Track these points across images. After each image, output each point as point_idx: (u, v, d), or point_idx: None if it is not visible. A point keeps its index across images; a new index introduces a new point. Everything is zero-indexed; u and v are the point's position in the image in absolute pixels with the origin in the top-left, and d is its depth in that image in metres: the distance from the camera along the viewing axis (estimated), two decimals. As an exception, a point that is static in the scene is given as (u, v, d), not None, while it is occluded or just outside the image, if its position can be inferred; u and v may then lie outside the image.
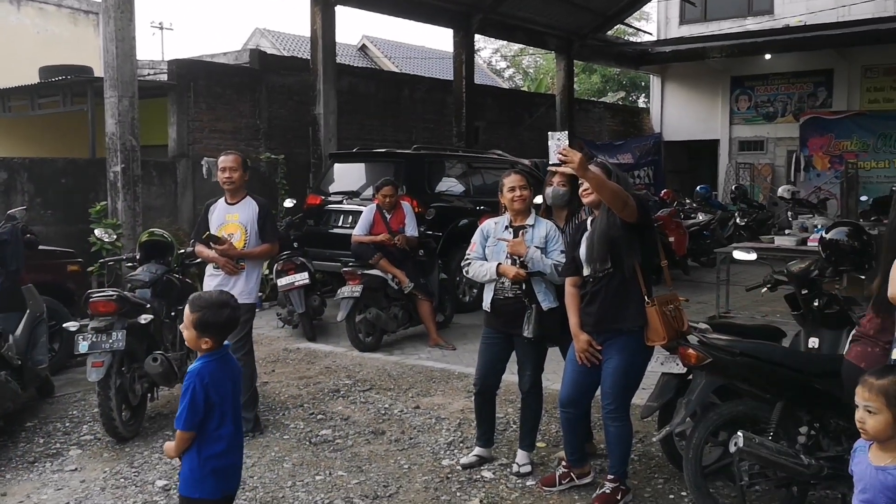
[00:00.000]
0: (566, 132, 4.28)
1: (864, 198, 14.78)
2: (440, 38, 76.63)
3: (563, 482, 4.42)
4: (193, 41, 58.79)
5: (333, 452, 5.01)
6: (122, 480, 4.58)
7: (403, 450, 5.05)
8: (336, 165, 10.28)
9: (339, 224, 9.54)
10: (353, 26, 62.50)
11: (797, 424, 3.93)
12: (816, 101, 17.73)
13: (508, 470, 4.68)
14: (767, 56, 17.23)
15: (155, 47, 55.29)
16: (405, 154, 9.91)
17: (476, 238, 4.83)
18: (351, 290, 7.64)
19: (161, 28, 35.44)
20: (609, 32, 18.00)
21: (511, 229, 4.66)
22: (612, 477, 4.24)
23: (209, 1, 63.60)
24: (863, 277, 5.38)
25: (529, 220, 4.66)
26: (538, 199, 7.50)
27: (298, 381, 6.67)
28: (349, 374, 6.84)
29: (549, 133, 4.21)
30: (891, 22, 15.00)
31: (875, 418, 2.49)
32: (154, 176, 10.44)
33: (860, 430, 2.58)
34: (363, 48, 30.51)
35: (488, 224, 4.84)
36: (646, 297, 4.05)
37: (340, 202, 9.67)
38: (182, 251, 6.28)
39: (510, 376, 6.70)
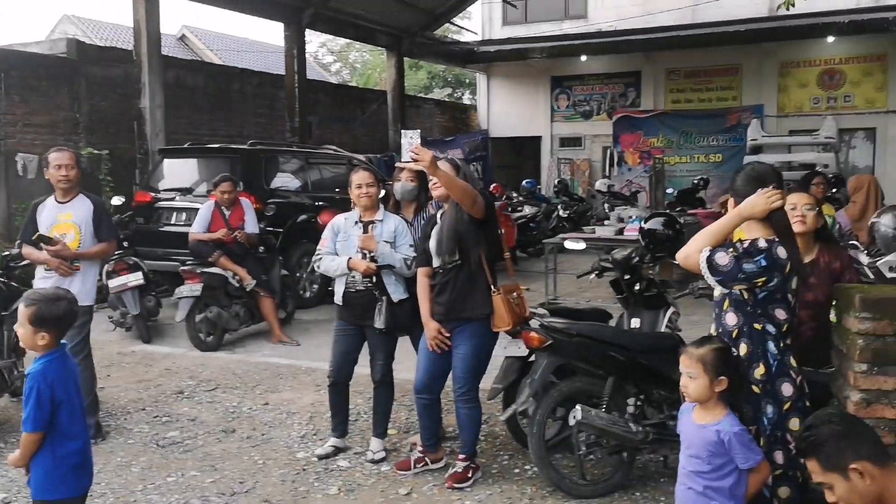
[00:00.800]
0: (418, 131, 4.47)
1: (669, 190, 16.11)
2: (265, 31, 74.76)
3: (417, 466, 4.64)
4: (-10, 25, 53.84)
5: (184, 453, 4.95)
6: (-47, 498, 4.31)
7: (256, 446, 5.07)
8: (166, 161, 9.94)
9: (173, 222, 9.26)
10: (172, 15, 59.57)
11: (626, 397, 4.35)
12: (627, 101, 19.07)
13: (363, 458, 4.83)
14: (583, 58, 18.33)
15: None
16: (241, 149, 9.76)
17: (327, 234, 4.94)
18: (190, 288, 7.47)
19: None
20: (437, 31, 18.45)
21: (361, 224, 4.81)
22: (464, 456, 4.50)
23: (6, -18, 58.40)
24: (675, 262, 6.00)
25: (378, 216, 4.83)
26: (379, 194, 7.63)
27: (137, 384, 6.47)
28: (192, 375, 6.71)
29: (403, 131, 4.40)
30: (690, 29, 16.44)
31: (695, 383, 2.86)
32: (-39, 172, 9.66)
33: (684, 394, 2.94)
34: (183, 38, 29.35)
35: (338, 220, 4.97)
36: (492, 287, 4.33)
37: (173, 199, 9.38)
38: (6, 253, 5.91)
39: (360, 368, 6.86)
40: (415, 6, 15.82)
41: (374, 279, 4.72)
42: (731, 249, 2.87)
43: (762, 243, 2.88)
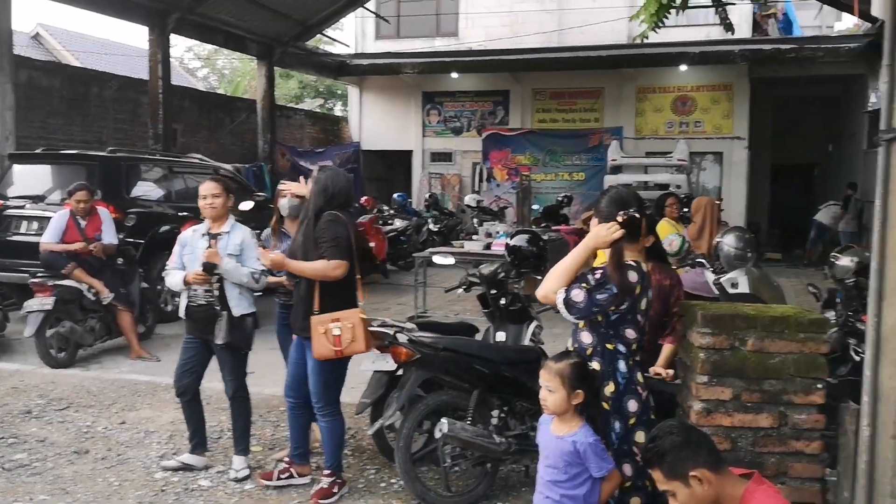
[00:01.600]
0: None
1: (535, 206, 16.66)
2: (128, 33, 71.47)
3: (282, 477, 4.60)
4: None
5: (32, 477, 4.68)
6: None
7: (112, 467, 4.86)
8: (16, 167, 9.37)
9: (22, 231, 8.74)
10: (26, 11, 56.08)
11: (490, 409, 4.48)
12: (496, 119, 19.56)
13: (226, 476, 4.73)
14: (454, 75, 18.68)
15: None
16: (99, 156, 9.33)
17: (176, 247, 4.86)
18: (41, 302, 7.07)
19: None
20: (309, 42, 18.30)
21: (207, 237, 4.74)
22: (329, 471, 4.49)
23: None
24: (539, 278, 6.22)
25: (225, 227, 4.77)
26: (247, 206, 7.60)
27: (-20, 404, 6.06)
28: (41, 393, 6.35)
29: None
30: (556, 52, 17.10)
31: (554, 396, 3.00)
32: None
33: (543, 407, 3.07)
34: (37, 37, 27.70)
35: (186, 233, 4.90)
36: (315, 312, 4.25)
37: (22, 207, 8.85)
38: None
39: (220, 384, 6.70)
40: (287, 16, 15.63)
41: (217, 293, 4.66)
42: (583, 284, 2.99)
43: (607, 271, 3.00)
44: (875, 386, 2.74)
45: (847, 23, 19.95)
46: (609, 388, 3.05)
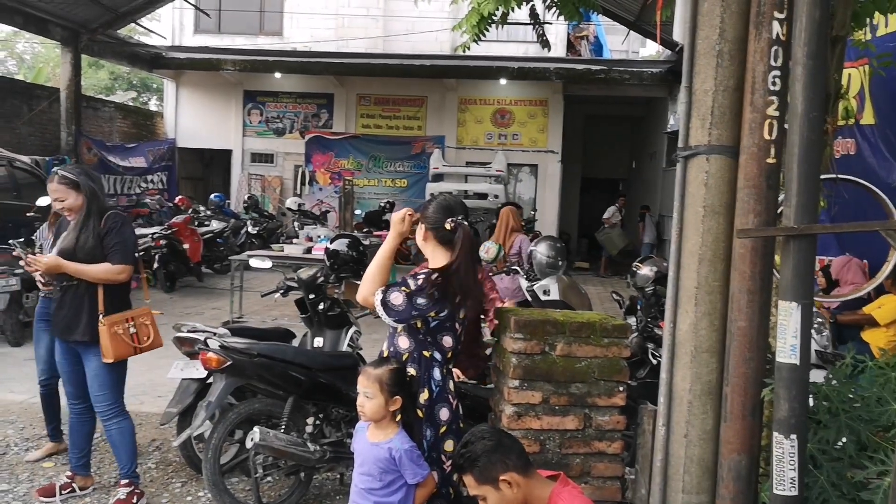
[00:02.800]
0: None
1: (358, 211, 16.63)
2: None
3: (63, 492, 4.29)
4: None
5: None
6: None
7: None
8: None
9: None
10: None
11: (305, 416, 4.38)
12: (320, 122, 19.32)
13: (11, 495, 4.32)
14: (278, 75, 18.26)
15: None
16: None
17: None
18: None
19: None
20: (122, 31, 17.22)
21: None
22: (126, 481, 4.24)
23: None
24: (358, 283, 6.19)
25: None
26: (44, 201, 7.01)
27: None
28: None
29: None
30: (380, 58, 17.15)
31: (372, 402, 2.96)
32: None
33: (360, 413, 3.02)
34: None
35: None
36: (101, 314, 4.09)
37: None
38: None
39: (9, 394, 6.15)
40: (96, 1, 14.61)
41: None
42: (403, 288, 2.97)
43: (435, 276, 3.01)
44: (670, 387, 2.91)
45: (651, 49, 21.49)
46: (423, 396, 3.05)
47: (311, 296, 5.40)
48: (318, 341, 5.39)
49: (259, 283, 10.65)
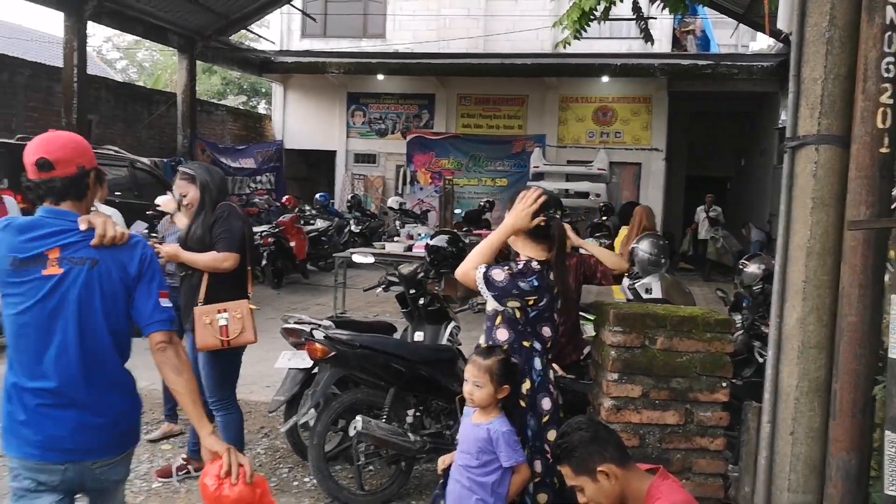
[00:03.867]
0: None
1: (458, 211, 16.77)
2: (40, 18, 68.34)
3: (179, 473, 4.51)
4: None
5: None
6: None
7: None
8: (-85, 152, 8.87)
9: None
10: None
11: (406, 407, 4.48)
12: (421, 122, 19.59)
13: (133, 475, 4.59)
14: (380, 76, 18.63)
15: None
16: (6, 143, 8.93)
17: None
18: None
19: None
20: (234, 37, 17.97)
21: None
22: None
23: None
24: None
25: None
26: (164, 199, 7.41)
27: None
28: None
29: None
30: (481, 58, 17.25)
31: (481, 391, 3.00)
32: None
33: (468, 401, 3.07)
34: (-57, 18, 26.42)
35: None
36: (199, 302, 4.20)
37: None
38: None
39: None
40: (210, 9, 15.28)
41: None
42: (506, 267, 3.03)
43: (535, 265, 3.06)
44: (776, 384, 2.84)
45: (761, 43, 20.79)
46: (525, 386, 3.08)
47: (412, 291, 5.51)
48: (419, 335, 5.49)
49: (362, 281, 10.90)
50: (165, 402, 5.34)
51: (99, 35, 32.77)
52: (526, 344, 3.11)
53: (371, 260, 6.50)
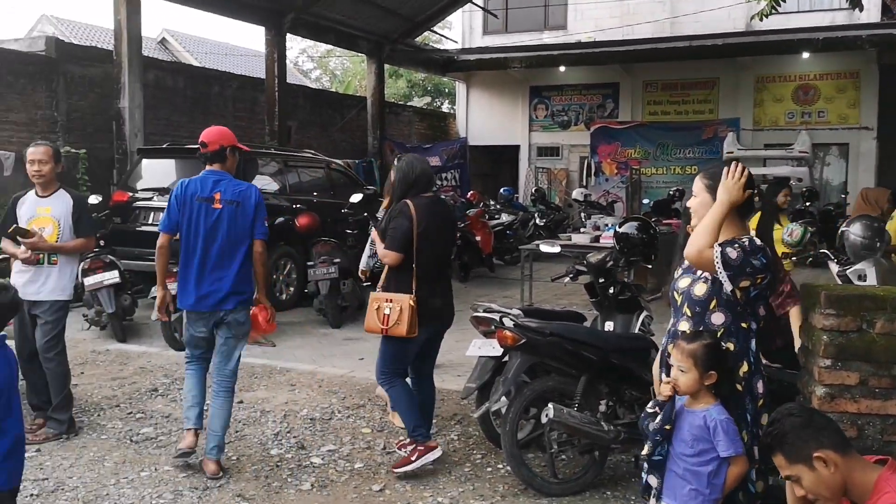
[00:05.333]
0: None
1: (645, 201, 16.29)
2: (245, 36, 74.01)
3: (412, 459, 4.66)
4: (-34, 25, 53.03)
5: (157, 449, 4.94)
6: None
7: (230, 442, 5.05)
8: (144, 161, 9.89)
9: (150, 221, 9.20)
10: (152, 19, 59.17)
11: (598, 396, 4.41)
12: (605, 112, 19.25)
13: (337, 455, 4.85)
14: (562, 68, 18.50)
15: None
16: (218, 150, 9.73)
17: None
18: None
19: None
20: (417, 39, 18.54)
21: None
22: (408, 440, 4.65)
23: (-16, -19, 57.74)
24: (649, 267, 6.09)
25: None
26: (356, 198, 7.77)
27: (111, 381, 6.43)
28: (166, 373, 6.68)
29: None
30: (668, 42, 16.66)
31: (686, 377, 2.87)
32: (-66, 169, 9.54)
33: (675, 387, 2.95)
34: (163, 42, 29.23)
35: None
36: (379, 288, 4.68)
37: (150, 199, 9.33)
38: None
39: (330, 368, 6.90)
40: (396, 13, 15.88)
41: None
42: (736, 245, 2.86)
43: (758, 241, 2.90)
44: None
45: None
46: (743, 369, 2.92)
47: (601, 280, 5.43)
48: (609, 325, 5.40)
49: (548, 273, 10.85)
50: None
51: (295, 48, 34.96)
52: (744, 325, 2.94)
53: (557, 249, 6.47)
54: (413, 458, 4.52)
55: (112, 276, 7.76)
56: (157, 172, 9.66)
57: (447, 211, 4.90)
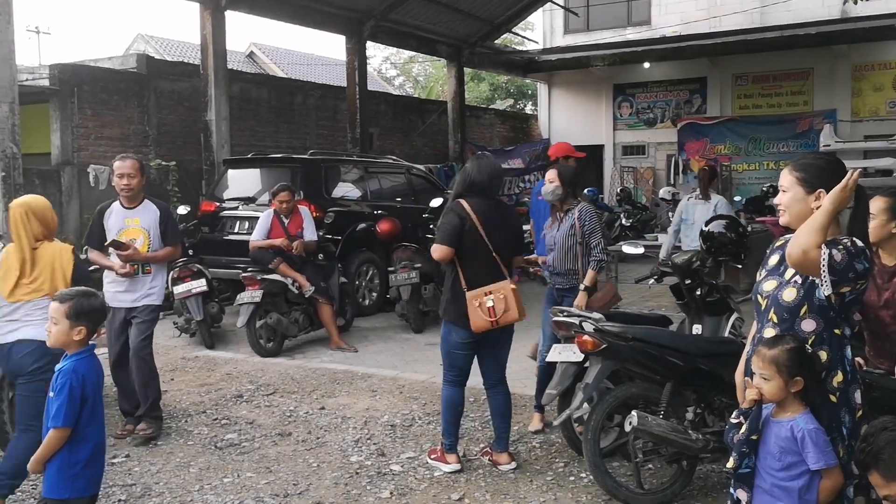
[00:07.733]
0: None
1: (737, 198, 15.72)
2: (329, 46, 75.76)
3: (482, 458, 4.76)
4: (72, 46, 56.08)
5: (240, 455, 4.99)
6: None
7: (311, 449, 5.08)
8: (230, 171, 10.14)
9: (235, 230, 9.42)
10: (240, 33, 61.26)
11: (685, 403, 4.21)
12: (692, 108, 18.70)
13: (417, 462, 4.80)
14: (646, 65, 18.07)
15: (31, 52, 52.28)
16: (301, 159, 9.89)
17: None
18: (251, 295, 7.56)
19: (38, 32, 33.68)
20: (497, 41, 18.43)
21: None
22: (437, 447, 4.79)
23: (88, 5, 60.93)
24: (739, 267, 5.81)
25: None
26: (437, 202, 7.73)
27: (199, 388, 6.57)
28: (251, 380, 6.79)
29: None
30: (758, 32, 16.04)
31: (770, 384, 2.69)
32: (37, 185, 10.00)
33: (759, 394, 2.77)
34: (251, 55, 30.09)
35: None
36: (464, 289, 4.55)
37: (236, 208, 9.55)
38: (83, 257, 6.09)
39: (413, 374, 6.87)
40: (475, 16, 15.83)
41: None
42: (840, 247, 2.62)
43: (860, 243, 2.66)
44: None
45: None
46: (837, 378, 2.70)
47: (687, 281, 5.21)
48: (697, 328, 5.17)
49: (633, 274, 10.57)
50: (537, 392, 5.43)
51: (378, 56, 35.41)
52: (837, 332, 2.72)
53: (641, 251, 6.27)
54: (430, 457, 4.76)
55: (200, 285, 7.95)
56: (242, 182, 9.89)
57: (506, 216, 4.77)
